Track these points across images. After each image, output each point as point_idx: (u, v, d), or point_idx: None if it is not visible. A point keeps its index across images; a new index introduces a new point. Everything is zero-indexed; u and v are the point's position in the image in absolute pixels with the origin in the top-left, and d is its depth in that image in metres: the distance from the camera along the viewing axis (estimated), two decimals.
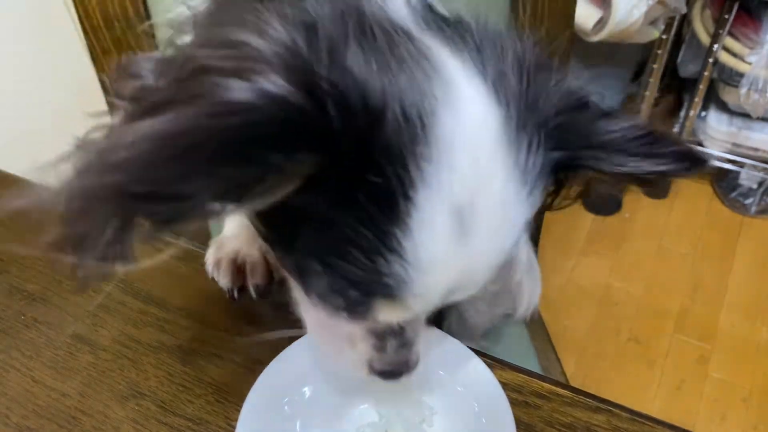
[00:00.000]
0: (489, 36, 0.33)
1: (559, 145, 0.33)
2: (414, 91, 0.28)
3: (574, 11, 0.76)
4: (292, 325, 0.42)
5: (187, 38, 0.35)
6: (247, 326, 0.50)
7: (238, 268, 0.52)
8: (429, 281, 0.31)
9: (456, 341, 0.46)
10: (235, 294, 0.52)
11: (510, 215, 0.32)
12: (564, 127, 0.33)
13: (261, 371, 0.45)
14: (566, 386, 0.47)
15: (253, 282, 0.51)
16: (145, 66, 0.30)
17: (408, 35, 0.30)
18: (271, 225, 0.34)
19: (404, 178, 0.28)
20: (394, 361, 0.39)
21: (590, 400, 0.46)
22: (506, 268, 0.64)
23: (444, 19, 0.34)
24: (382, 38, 0.29)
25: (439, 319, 0.49)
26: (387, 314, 0.34)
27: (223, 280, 0.52)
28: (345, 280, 0.31)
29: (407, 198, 0.28)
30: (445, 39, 0.32)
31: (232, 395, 0.47)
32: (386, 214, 0.29)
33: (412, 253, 0.29)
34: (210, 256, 0.53)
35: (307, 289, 0.35)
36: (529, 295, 0.75)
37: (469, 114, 0.30)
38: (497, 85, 0.31)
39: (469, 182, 0.29)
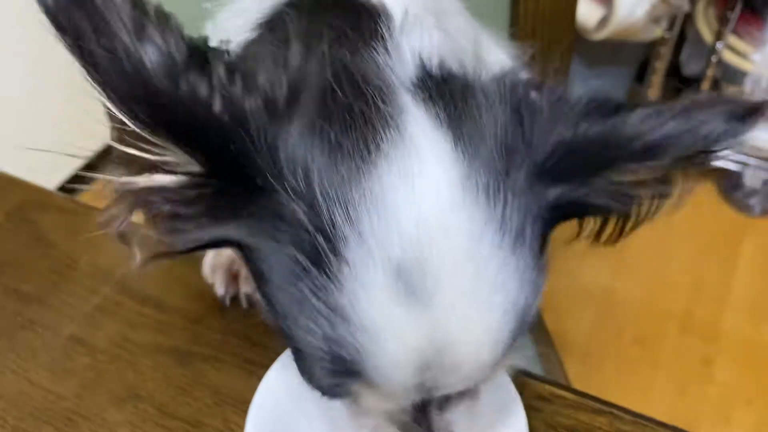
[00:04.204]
0: (477, 87, 0.31)
1: (560, 179, 0.30)
2: (352, 142, 0.28)
3: (575, 10, 0.75)
4: None
5: None
6: (245, 328, 0.50)
7: (233, 276, 0.51)
8: (385, 351, 0.28)
9: None
10: (227, 302, 0.51)
11: (492, 278, 0.28)
12: (565, 158, 0.30)
13: (259, 373, 0.44)
14: (568, 389, 0.47)
15: (245, 291, 0.51)
16: None
17: (385, 92, 0.30)
18: (254, 275, 0.32)
19: (328, 227, 0.27)
20: None
21: (593, 403, 0.46)
22: None
23: (444, 78, 0.32)
24: (350, 94, 0.29)
25: None
26: (368, 401, 0.31)
27: (218, 289, 0.51)
28: (306, 354, 0.29)
29: (336, 252, 0.27)
30: (425, 97, 0.30)
31: (230, 397, 0.46)
32: (317, 267, 0.27)
33: (353, 314, 0.27)
34: (207, 261, 0.53)
35: (295, 364, 0.32)
36: None
37: (419, 167, 0.28)
38: (467, 137, 0.29)
39: (411, 239, 0.27)
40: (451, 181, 0.28)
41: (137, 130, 0.26)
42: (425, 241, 0.27)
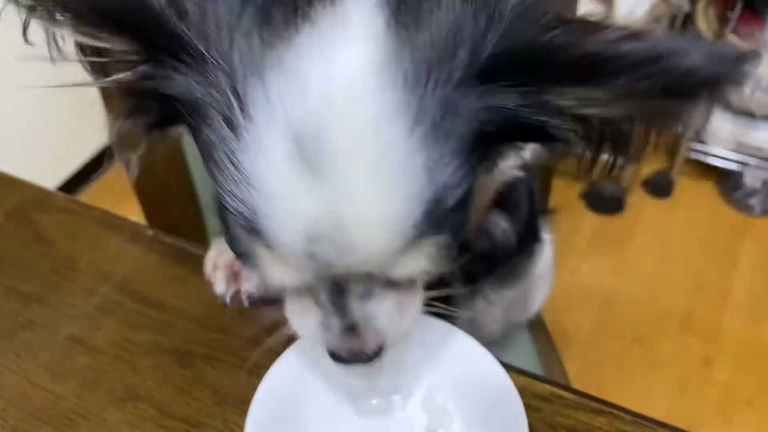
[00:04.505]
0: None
1: (500, 80, 0.29)
2: (282, 11, 0.29)
3: (576, 10, 0.75)
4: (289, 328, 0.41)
5: None
6: (245, 328, 0.50)
7: (235, 274, 0.51)
8: (277, 214, 0.29)
9: (470, 339, 0.45)
10: (228, 300, 0.51)
11: (396, 163, 0.28)
12: (512, 63, 0.28)
13: (259, 373, 0.44)
14: (568, 388, 0.47)
15: (245, 289, 0.51)
16: None
17: None
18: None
19: (242, 89, 0.28)
20: (342, 346, 0.36)
21: (592, 403, 0.46)
22: (523, 274, 0.63)
23: None
24: None
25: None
26: (272, 268, 0.32)
27: (218, 286, 0.51)
28: (227, 216, 0.31)
29: (246, 115, 0.28)
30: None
31: (230, 397, 0.46)
32: (231, 129, 0.29)
33: (253, 176, 0.29)
34: (209, 259, 0.53)
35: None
36: (542, 294, 0.74)
37: (343, 41, 0.28)
38: (407, 23, 0.29)
39: (314, 108, 0.28)
40: (372, 59, 0.28)
41: (86, 28, 0.30)
42: (330, 112, 0.28)
